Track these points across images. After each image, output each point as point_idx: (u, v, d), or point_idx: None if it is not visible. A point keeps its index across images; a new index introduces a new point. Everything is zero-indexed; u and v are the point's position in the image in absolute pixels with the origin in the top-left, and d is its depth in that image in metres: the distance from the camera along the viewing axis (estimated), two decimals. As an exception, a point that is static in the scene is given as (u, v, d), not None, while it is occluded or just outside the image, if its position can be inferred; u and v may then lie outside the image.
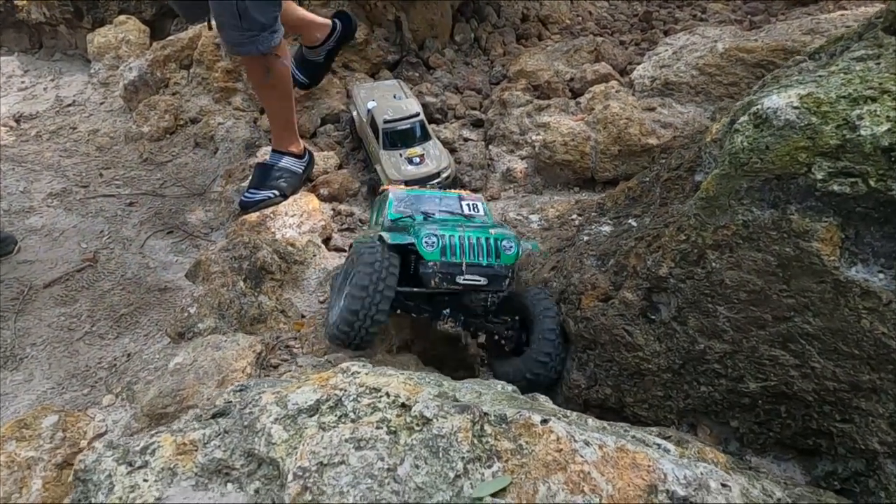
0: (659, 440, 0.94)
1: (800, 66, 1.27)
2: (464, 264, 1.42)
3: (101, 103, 3.11)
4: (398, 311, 1.52)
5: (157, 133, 2.80)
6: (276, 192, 2.35)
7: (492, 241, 1.47)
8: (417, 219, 1.60)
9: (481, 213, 1.68)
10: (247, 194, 2.36)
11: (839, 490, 1.10)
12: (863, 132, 0.97)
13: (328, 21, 2.71)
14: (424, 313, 1.50)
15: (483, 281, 1.43)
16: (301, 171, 2.46)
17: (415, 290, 1.48)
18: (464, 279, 1.42)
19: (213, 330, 1.87)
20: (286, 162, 2.43)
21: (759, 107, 1.07)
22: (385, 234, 1.47)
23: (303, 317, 1.94)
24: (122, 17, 3.29)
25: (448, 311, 1.49)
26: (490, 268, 1.44)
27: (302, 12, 2.67)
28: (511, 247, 1.47)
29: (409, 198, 1.69)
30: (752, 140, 1.08)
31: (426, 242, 1.42)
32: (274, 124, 2.51)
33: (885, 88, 0.99)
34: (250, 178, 2.44)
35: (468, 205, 1.69)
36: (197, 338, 1.83)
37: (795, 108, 1.03)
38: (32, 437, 1.41)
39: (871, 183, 0.97)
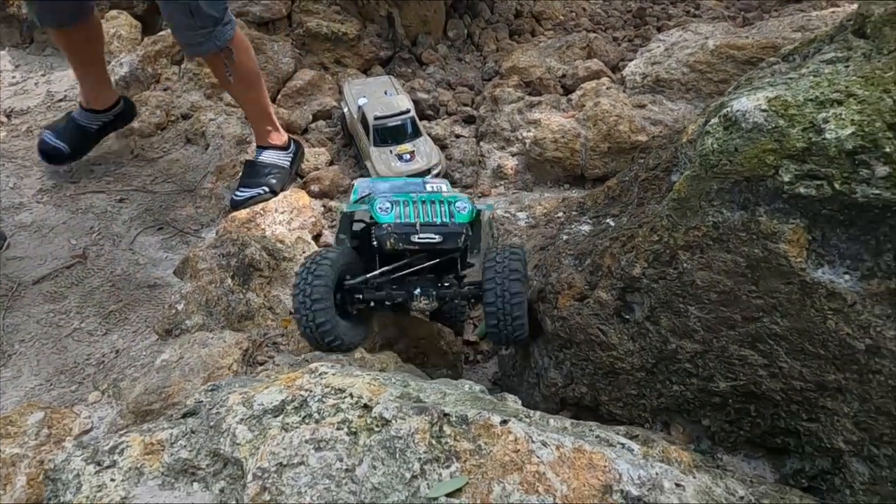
0: (624, 440, 0.96)
1: (773, 68, 1.27)
2: (417, 224, 1.47)
3: (94, 99, 3.11)
4: (371, 304, 1.52)
5: (148, 129, 2.80)
6: (266, 189, 2.36)
7: (445, 203, 1.52)
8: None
9: (444, 191, 1.70)
10: (237, 192, 2.37)
11: (807, 488, 1.11)
12: (828, 135, 0.97)
13: (117, 94, 2.60)
14: (398, 298, 1.50)
15: (438, 238, 1.47)
16: (288, 163, 2.46)
17: (368, 275, 1.49)
18: (419, 237, 1.46)
19: (200, 327, 1.88)
20: (271, 156, 2.42)
21: (728, 109, 1.07)
22: (343, 206, 1.56)
23: (290, 314, 1.95)
24: (113, 13, 3.28)
25: (419, 289, 1.50)
26: (444, 226, 1.48)
27: (104, 69, 2.55)
28: (465, 207, 1.52)
29: (372, 184, 1.74)
30: (722, 142, 1.08)
31: (380, 208, 1.48)
32: (250, 118, 2.49)
33: (850, 92, 0.99)
34: (240, 175, 2.44)
35: (431, 187, 1.72)
36: (184, 335, 1.84)
37: (763, 110, 1.03)
38: (17, 434, 1.42)
39: (836, 186, 0.98)
